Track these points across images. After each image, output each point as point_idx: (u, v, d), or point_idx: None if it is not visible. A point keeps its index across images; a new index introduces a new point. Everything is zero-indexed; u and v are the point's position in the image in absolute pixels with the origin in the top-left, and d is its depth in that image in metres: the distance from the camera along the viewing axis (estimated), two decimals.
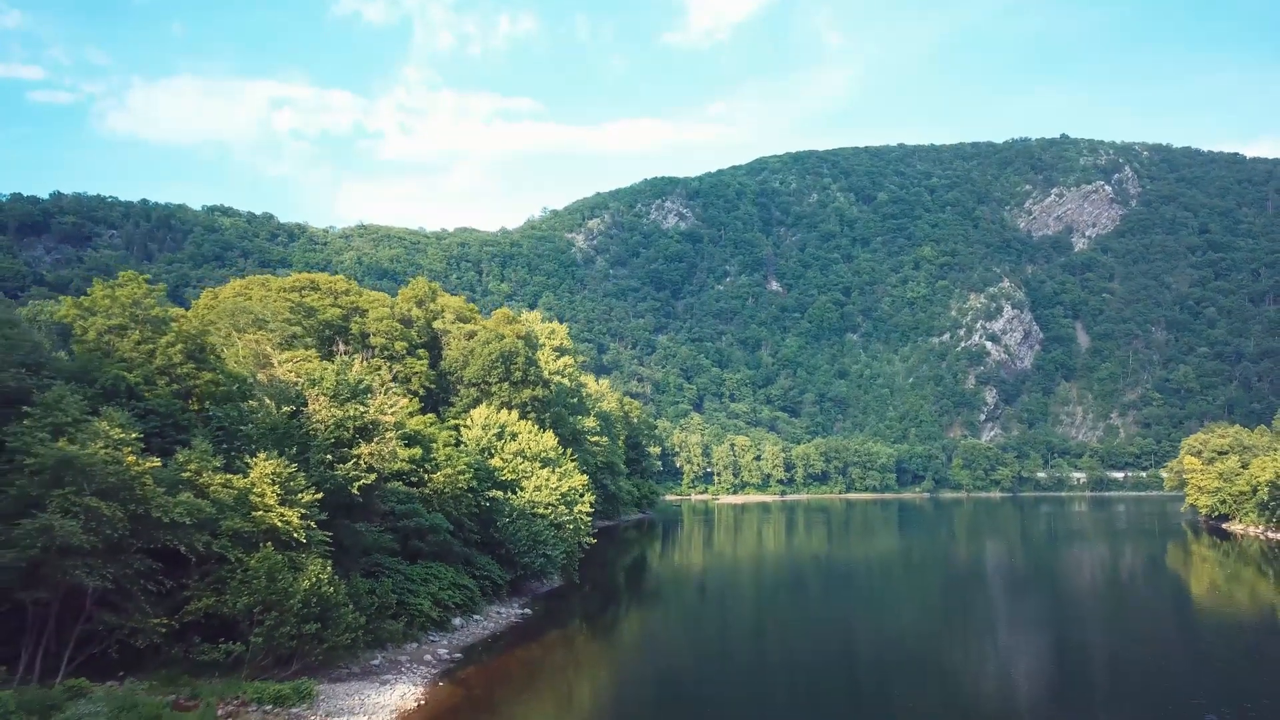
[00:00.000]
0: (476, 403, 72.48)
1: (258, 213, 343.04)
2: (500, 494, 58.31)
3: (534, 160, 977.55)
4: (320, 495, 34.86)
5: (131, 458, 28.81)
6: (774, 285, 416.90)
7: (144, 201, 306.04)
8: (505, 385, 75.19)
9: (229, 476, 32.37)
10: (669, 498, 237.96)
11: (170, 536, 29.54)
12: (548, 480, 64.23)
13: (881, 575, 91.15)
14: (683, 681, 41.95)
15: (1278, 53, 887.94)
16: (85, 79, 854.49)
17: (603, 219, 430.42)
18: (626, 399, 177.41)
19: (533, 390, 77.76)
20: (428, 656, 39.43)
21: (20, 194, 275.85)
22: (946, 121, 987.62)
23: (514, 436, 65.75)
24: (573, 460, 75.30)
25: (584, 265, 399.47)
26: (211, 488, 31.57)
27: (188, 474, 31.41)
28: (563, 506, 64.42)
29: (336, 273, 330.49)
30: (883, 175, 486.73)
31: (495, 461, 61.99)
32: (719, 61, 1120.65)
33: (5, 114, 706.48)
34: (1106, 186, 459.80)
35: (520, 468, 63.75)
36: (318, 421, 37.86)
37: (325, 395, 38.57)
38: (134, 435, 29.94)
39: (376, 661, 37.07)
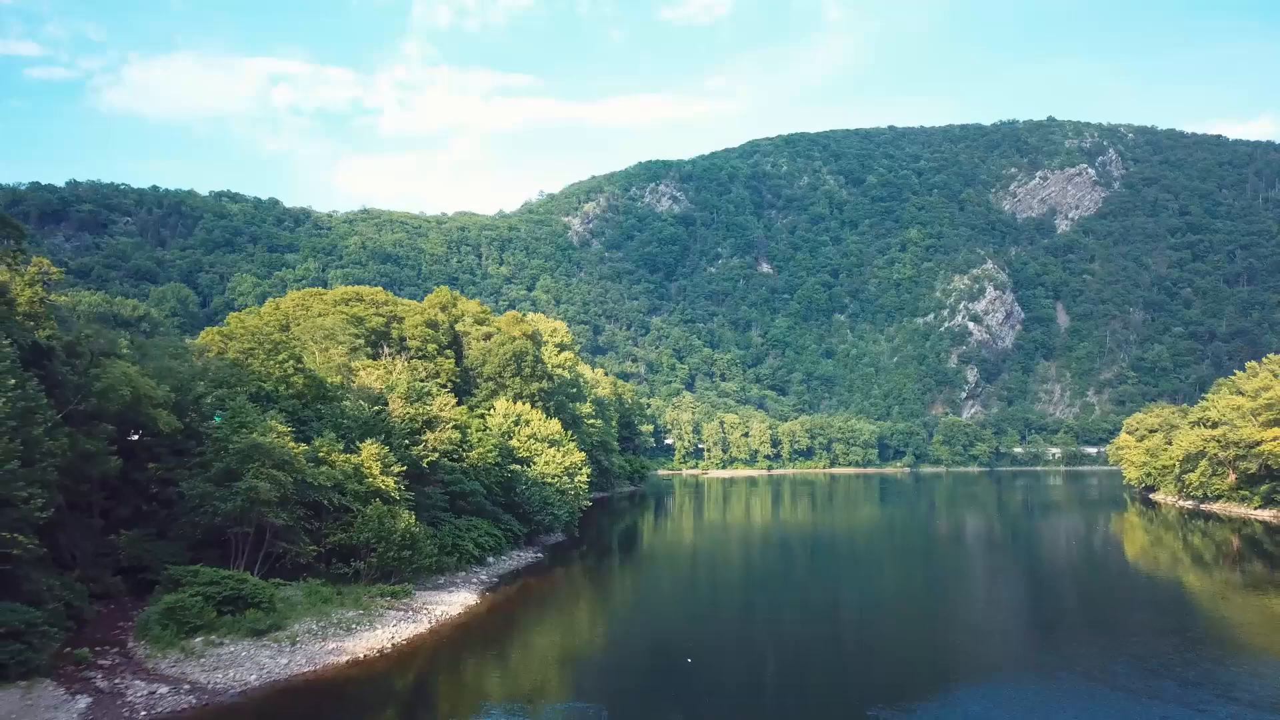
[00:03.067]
0: (494, 394, 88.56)
1: (262, 197, 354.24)
2: (518, 467, 75.01)
3: (531, 137, 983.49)
4: (404, 468, 51.27)
5: (290, 443, 44.68)
6: (765, 267, 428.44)
7: (154, 188, 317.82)
8: (517, 379, 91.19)
9: (348, 456, 48.48)
10: (661, 472, 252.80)
11: (316, 494, 45.84)
12: (554, 457, 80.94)
13: (864, 541, 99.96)
14: (663, 604, 58.36)
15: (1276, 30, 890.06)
16: (82, 55, 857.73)
17: (598, 202, 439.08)
18: (620, 383, 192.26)
19: (540, 383, 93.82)
20: (474, 580, 56.13)
21: (38, 183, 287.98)
22: (941, 100, 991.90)
23: (527, 423, 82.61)
24: (573, 441, 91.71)
25: (580, 248, 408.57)
26: (338, 463, 47.57)
27: (322, 453, 47.47)
28: (565, 477, 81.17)
29: (342, 256, 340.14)
30: (872, 158, 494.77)
31: (514, 442, 78.50)
32: (718, 35, 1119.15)
33: (2, 90, 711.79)
34: (1090, 169, 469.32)
35: (532, 447, 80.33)
36: (396, 416, 53.86)
37: (400, 397, 54.50)
38: (288, 429, 45.79)
39: (441, 581, 53.84)
